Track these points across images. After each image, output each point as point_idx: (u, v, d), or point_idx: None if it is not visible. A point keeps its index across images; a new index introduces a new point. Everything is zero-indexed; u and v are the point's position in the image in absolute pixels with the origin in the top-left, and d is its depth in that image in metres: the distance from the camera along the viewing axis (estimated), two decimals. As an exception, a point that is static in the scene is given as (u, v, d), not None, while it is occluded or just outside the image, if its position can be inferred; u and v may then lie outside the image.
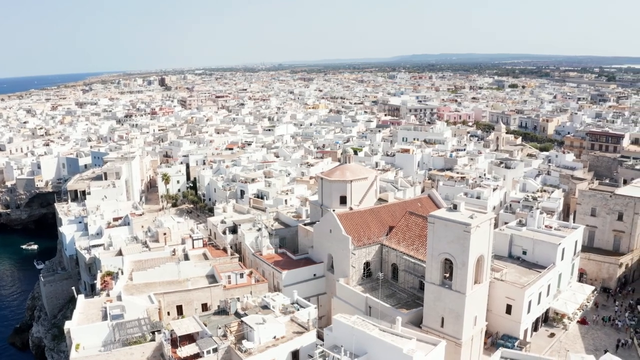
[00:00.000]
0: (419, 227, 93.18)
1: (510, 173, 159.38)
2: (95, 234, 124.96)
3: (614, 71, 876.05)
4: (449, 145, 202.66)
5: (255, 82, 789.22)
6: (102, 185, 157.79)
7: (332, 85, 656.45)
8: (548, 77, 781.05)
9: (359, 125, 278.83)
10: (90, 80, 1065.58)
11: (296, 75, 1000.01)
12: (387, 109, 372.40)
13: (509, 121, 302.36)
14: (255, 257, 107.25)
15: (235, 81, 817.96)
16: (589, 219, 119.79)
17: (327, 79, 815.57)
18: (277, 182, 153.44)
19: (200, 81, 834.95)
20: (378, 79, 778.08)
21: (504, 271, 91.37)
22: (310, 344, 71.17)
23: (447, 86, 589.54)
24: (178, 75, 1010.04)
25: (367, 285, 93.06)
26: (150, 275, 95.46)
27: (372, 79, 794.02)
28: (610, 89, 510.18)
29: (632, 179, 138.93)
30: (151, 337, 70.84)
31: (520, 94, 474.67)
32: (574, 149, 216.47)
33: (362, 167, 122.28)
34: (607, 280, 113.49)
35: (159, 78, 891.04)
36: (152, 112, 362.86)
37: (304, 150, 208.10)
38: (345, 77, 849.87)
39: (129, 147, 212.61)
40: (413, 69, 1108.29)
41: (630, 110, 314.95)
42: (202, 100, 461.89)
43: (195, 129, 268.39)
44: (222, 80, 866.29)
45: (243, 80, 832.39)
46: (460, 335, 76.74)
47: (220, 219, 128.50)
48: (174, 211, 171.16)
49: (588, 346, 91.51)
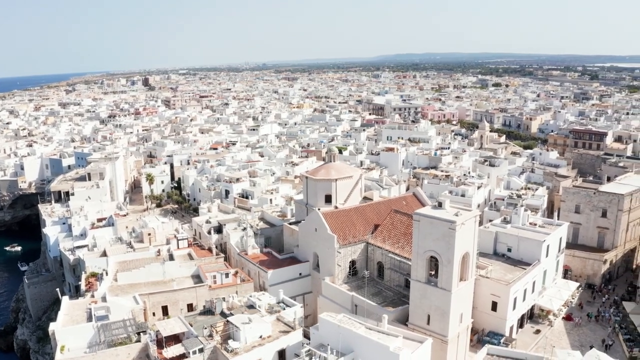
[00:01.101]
0: (404, 225, 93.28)
1: (495, 171, 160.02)
2: (79, 235, 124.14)
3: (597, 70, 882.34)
4: (434, 143, 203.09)
5: (240, 81, 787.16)
6: (86, 186, 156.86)
7: (317, 85, 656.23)
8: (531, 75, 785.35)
9: (344, 124, 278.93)
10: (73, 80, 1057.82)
11: (280, 74, 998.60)
12: (372, 108, 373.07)
13: (492, 120, 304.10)
14: (240, 256, 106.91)
15: (219, 81, 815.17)
16: (573, 216, 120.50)
17: (312, 79, 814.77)
18: (261, 181, 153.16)
19: (184, 81, 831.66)
20: (362, 79, 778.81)
21: (489, 268, 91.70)
22: (297, 343, 71.08)
23: (431, 85, 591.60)
24: (162, 75, 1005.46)
25: (353, 284, 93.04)
26: (135, 276, 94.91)
27: (357, 78, 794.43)
28: (593, 88, 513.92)
29: (615, 176, 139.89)
30: (137, 338, 70.53)
31: (503, 92, 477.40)
32: (557, 147, 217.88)
33: (347, 166, 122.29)
34: (591, 277, 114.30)
35: (143, 78, 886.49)
36: (136, 112, 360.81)
37: (288, 150, 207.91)
38: (330, 77, 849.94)
39: (113, 148, 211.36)
40: (397, 68, 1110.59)
41: (613, 108, 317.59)
42: (186, 100, 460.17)
43: (180, 129, 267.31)
44: (206, 80, 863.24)
45: (227, 80, 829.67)
46: (447, 332, 76.90)
47: (205, 218, 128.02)
48: (159, 211, 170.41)
49: (574, 342, 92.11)
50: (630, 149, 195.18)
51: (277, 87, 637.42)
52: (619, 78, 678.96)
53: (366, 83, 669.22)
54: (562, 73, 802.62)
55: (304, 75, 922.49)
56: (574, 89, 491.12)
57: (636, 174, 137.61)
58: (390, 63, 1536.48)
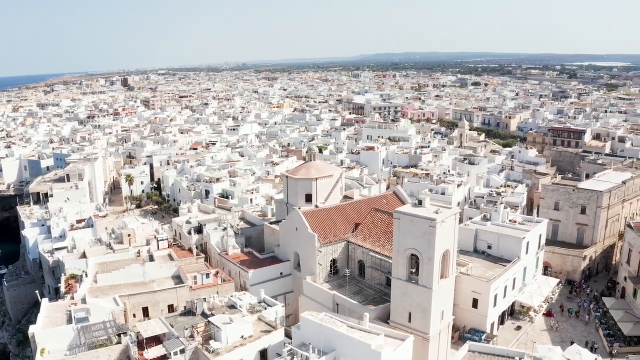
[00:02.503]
0: (385, 223, 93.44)
1: (475, 169, 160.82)
2: (58, 237, 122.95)
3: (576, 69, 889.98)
4: (414, 142, 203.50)
5: (219, 82, 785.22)
6: (65, 187, 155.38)
7: (297, 85, 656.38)
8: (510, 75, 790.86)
9: (324, 124, 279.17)
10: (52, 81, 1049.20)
11: (260, 74, 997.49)
12: (352, 107, 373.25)
13: (472, 118, 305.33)
14: (221, 257, 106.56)
15: (199, 81, 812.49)
16: (553, 213, 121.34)
17: (292, 79, 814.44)
18: (242, 181, 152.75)
19: (163, 81, 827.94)
20: (342, 78, 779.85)
21: (469, 266, 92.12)
22: (279, 343, 70.85)
23: (411, 85, 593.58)
24: (141, 76, 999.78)
25: (334, 283, 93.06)
26: (115, 277, 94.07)
27: (337, 78, 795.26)
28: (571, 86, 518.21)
29: (594, 174, 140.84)
30: (117, 340, 69.89)
31: (483, 91, 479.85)
32: (536, 145, 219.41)
33: (328, 165, 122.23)
34: (571, 273, 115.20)
35: (122, 78, 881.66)
36: (115, 113, 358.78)
37: (269, 150, 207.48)
38: (310, 77, 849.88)
39: (92, 149, 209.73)
40: (377, 68, 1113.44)
41: (591, 106, 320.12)
42: (165, 100, 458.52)
43: (159, 130, 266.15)
44: (185, 80, 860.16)
45: (207, 80, 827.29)
46: (428, 330, 77.10)
47: (186, 219, 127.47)
48: (139, 212, 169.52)
49: (555, 338, 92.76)
50: (608, 147, 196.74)
51: (257, 87, 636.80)
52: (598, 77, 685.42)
53: (346, 83, 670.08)
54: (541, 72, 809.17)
55: (284, 75, 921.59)
56: (553, 88, 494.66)
57: (615, 171, 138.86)
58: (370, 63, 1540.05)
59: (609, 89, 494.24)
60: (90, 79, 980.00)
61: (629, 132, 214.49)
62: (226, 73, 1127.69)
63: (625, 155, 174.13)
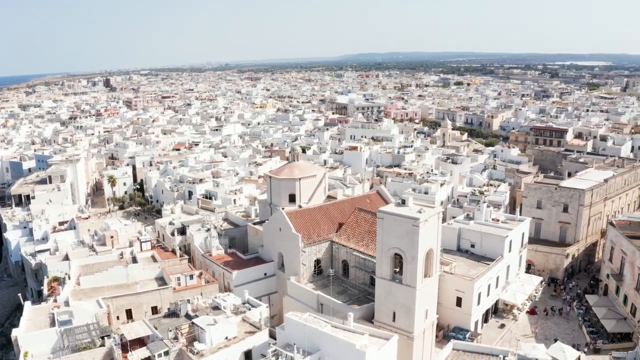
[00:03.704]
0: (368, 223, 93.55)
1: (457, 168, 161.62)
2: (40, 239, 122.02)
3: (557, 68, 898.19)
4: (397, 142, 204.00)
5: (202, 82, 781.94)
6: (47, 189, 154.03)
7: (280, 85, 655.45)
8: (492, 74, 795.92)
9: (307, 123, 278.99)
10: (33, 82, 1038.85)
11: (243, 74, 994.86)
12: (335, 107, 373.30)
13: (454, 118, 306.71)
14: (204, 258, 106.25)
15: (181, 81, 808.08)
16: (535, 212, 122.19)
17: (275, 78, 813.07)
18: (225, 182, 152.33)
19: (146, 82, 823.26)
20: (325, 78, 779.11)
21: (453, 264, 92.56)
22: (263, 344, 70.73)
23: (393, 84, 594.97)
24: (123, 76, 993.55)
25: (318, 283, 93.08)
26: (98, 279, 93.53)
27: (320, 77, 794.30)
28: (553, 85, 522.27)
29: (576, 172, 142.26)
30: (101, 343, 69.43)
31: (465, 91, 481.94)
32: (518, 144, 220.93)
33: (311, 165, 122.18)
34: (554, 271, 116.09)
35: (104, 79, 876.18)
36: (97, 114, 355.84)
37: (252, 150, 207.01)
38: (293, 76, 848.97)
39: (74, 150, 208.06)
40: (360, 67, 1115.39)
41: (573, 105, 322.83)
42: (148, 100, 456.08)
43: (142, 130, 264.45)
44: (168, 80, 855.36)
45: (189, 81, 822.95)
46: (412, 329, 77.30)
47: (169, 220, 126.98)
48: (121, 214, 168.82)
49: (538, 335, 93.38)
50: (590, 146, 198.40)
51: (240, 87, 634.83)
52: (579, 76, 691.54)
53: (329, 82, 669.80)
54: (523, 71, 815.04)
55: (267, 75, 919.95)
56: (535, 87, 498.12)
57: (596, 169, 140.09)
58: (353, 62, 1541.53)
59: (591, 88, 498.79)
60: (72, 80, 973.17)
61: (610, 131, 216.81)
62: (209, 73, 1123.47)
63: (606, 153, 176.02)
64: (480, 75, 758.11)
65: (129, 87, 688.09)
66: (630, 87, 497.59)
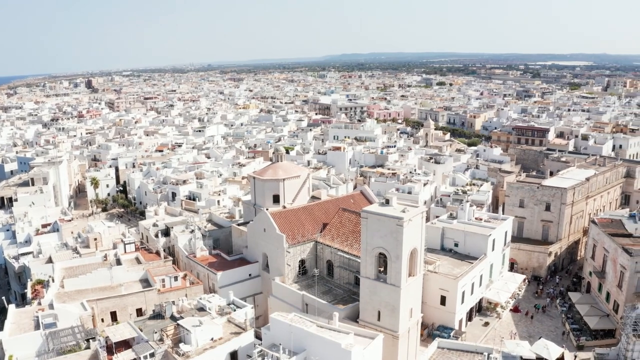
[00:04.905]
0: (352, 223, 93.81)
1: (440, 168, 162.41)
2: (23, 242, 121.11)
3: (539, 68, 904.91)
4: (380, 142, 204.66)
5: (185, 83, 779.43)
6: (29, 191, 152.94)
7: (263, 85, 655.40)
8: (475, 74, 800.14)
9: (290, 124, 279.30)
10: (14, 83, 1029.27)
11: (226, 75, 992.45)
12: (318, 107, 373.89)
13: (437, 118, 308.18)
14: (189, 259, 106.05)
15: (164, 82, 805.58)
16: (518, 210, 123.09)
17: (257, 79, 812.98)
18: (208, 183, 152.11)
19: (128, 83, 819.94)
20: (308, 79, 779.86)
21: (437, 263, 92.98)
22: (249, 344, 70.74)
23: (376, 85, 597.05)
24: (105, 77, 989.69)
25: (303, 283, 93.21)
26: (82, 281, 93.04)
27: (302, 78, 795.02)
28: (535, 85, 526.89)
29: (558, 171, 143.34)
30: (86, 345, 69.07)
31: (448, 91, 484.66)
32: (501, 144, 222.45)
33: (294, 166, 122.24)
34: (537, 269, 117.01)
35: (86, 80, 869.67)
36: (79, 115, 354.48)
37: (235, 151, 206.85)
38: (276, 77, 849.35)
39: (56, 152, 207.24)
40: (343, 68, 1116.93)
41: (554, 105, 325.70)
42: (130, 102, 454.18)
43: (124, 132, 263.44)
44: (150, 81, 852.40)
45: (172, 81, 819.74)
46: (397, 328, 77.61)
47: (152, 222, 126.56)
48: (104, 216, 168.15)
49: (522, 333, 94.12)
50: (571, 145, 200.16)
51: (223, 88, 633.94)
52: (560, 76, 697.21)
53: (312, 83, 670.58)
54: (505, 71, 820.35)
55: (249, 76, 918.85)
56: (517, 87, 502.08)
57: (578, 168, 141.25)
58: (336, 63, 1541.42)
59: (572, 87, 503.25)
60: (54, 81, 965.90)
61: (592, 130, 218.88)
62: (191, 74, 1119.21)
63: (588, 152, 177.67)
64: (462, 76, 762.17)
65: (111, 88, 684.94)
66: (611, 86, 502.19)
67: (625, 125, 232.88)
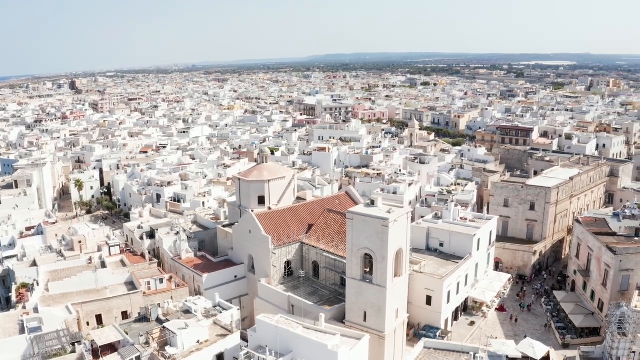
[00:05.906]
0: (338, 223, 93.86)
1: (425, 168, 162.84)
2: (7, 245, 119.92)
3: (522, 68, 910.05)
4: (365, 142, 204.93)
5: (169, 83, 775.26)
6: (13, 193, 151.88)
7: (247, 86, 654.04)
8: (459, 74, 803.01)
9: (275, 125, 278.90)
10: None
11: (210, 76, 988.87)
12: (303, 108, 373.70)
13: (422, 118, 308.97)
14: (174, 261, 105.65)
15: (148, 83, 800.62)
16: (502, 210, 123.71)
17: (242, 80, 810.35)
18: (193, 184, 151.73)
19: (112, 84, 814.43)
20: (293, 79, 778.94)
21: (422, 263, 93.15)
22: (235, 346, 70.61)
23: (361, 85, 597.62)
24: (89, 78, 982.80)
25: (289, 284, 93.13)
26: (67, 285, 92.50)
27: (287, 79, 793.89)
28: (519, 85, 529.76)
29: (542, 170, 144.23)
30: (71, 349, 68.78)
31: (432, 91, 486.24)
32: (485, 143, 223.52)
33: (280, 167, 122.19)
34: (522, 268, 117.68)
35: (69, 81, 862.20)
36: (63, 117, 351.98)
37: (220, 152, 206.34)
38: (260, 78, 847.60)
39: (40, 154, 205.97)
40: (327, 68, 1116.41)
41: (538, 104, 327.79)
42: (114, 103, 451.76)
43: (108, 133, 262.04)
44: (134, 82, 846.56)
45: (156, 82, 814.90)
46: (383, 328, 77.79)
47: (137, 224, 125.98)
48: (89, 218, 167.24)
49: (507, 332, 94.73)
50: (555, 144, 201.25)
51: (207, 88, 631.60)
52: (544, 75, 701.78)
53: (297, 83, 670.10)
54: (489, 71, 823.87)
55: (234, 77, 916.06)
56: (501, 87, 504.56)
57: (562, 167, 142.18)
58: (321, 63, 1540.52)
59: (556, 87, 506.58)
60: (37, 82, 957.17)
61: (575, 129, 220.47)
62: (175, 75, 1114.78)
63: (571, 151, 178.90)
64: (446, 76, 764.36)
65: (94, 90, 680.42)
66: (594, 86, 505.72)
67: (608, 124, 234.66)
